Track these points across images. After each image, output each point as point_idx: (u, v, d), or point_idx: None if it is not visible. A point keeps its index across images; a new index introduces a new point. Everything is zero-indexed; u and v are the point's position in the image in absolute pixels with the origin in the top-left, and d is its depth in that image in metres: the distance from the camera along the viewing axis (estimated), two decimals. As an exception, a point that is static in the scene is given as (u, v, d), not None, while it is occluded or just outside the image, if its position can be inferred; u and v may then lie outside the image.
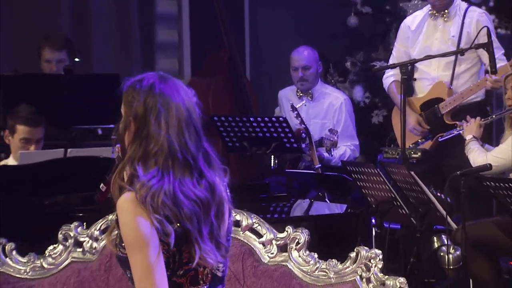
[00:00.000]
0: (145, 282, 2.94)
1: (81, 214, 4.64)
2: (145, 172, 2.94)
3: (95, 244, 4.39)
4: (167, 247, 2.97)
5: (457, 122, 6.03)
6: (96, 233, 4.41)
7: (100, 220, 4.42)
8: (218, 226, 3.09)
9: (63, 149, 5.62)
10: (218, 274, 3.17)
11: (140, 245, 2.93)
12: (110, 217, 4.41)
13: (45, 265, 4.28)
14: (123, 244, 3.00)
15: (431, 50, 6.20)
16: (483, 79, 6.09)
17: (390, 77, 6.51)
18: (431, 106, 6.21)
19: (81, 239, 4.39)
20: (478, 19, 6.24)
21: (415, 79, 6.35)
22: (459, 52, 5.98)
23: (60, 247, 4.40)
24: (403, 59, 6.27)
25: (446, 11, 6.31)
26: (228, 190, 3.19)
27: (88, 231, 4.41)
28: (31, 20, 7.25)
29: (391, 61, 6.50)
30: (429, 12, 6.39)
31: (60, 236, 4.35)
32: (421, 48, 6.33)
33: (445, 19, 6.32)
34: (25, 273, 4.40)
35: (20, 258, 4.44)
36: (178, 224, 2.96)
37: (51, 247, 4.39)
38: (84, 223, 4.43)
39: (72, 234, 4.39)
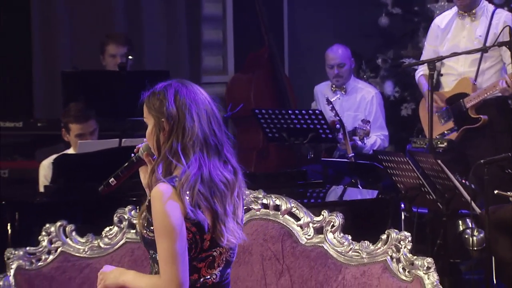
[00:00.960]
0: (170, 268, 3.04)
1: (134, 199, 4.66)
2: (187, 162, 3.07)
3: (147, 226, 4.43)
4: (191, 235, 3.08)
5: (481, 116, 6.02)
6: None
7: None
8: (239, 206, 3.27)
9: (118, 139, 5.66)
10: (230, 260, 3.26)
11: (170, 233, 3.04)
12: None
13: (102, 245, 4.32)
14: (151, 228, 3.10)
15: (459, 48, 6.17)
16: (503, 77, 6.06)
17: (420, 72, 6.49)
18: (457, 100, 6.19)
19: (134, 221, 4.42)
20: (505, 21, 6.18)
21: (441, 75, 6.33)
22: (482, 49, 5.96)
23: (116, 228, 4.44)
24: (431, 56, 6.22)
25: (473, 11, 6.27)
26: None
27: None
28: (89, 21, 7.29)
29: (422, 58, 6.46)
30: (458, 12, 6.35)
31: (115, 218, 4.39)
32: (450, 45, 6.30)
33: (472, 19, 6.29)
34: (83, 252, 4.43)
35: (79, 239, 4.48)
36: (208, 210, 3.08)
37: (107, 229, 4.42)
38: (137, 207, 4.45)
39: (126, 217, 4.42)
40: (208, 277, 3.19)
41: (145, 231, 3.17)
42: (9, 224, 4.95)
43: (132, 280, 3.21)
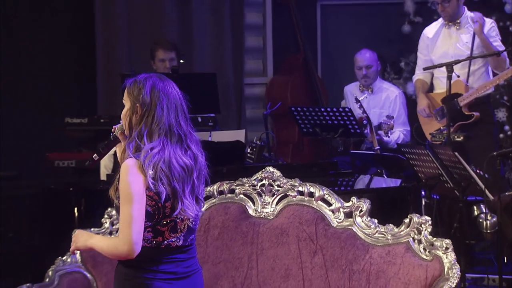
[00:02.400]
0: (126, 229, 3.17)
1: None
2: (155, 144, 3.21)
3: (196, 210, 4.43)
4: (154, 202, 3.21)
5: (473, 113, 6.09)
6: (197, 201, 4.45)
7: (217, 184, 4.44)
8: (199, 185, 3.33)
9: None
10: (192, 226, 3.33)
11: (130, 200, 3.17)
12: (208, 188, 4.44)
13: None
14: (117, 196, 3.24)
15: (448, 54, 6.30)
16: (495, 78, 6.19)
17: (416, 76, 6.64)
18: (451, 100, 6.21)
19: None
20: (490, 28, 6.27)
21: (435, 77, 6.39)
22: (488, 55, 6.11)
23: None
24: (426, 64, 6.40)
25: (457, 21, 6.35)
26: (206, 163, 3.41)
27: (191, 200, 4.44)
28: (145, 30, 7.32)
29: (417, 67, 6.63)
30: (444, 23, 6.43)
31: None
32: (440, 52, 6.40)
33: (457, 28, 6.38)
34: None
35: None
36: (168, 185, 3.20)
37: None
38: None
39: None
40: (172, 239, 3.29)
41: (116, 200, 3.29)
42: (76, 208, 4.98)
43: (97, 242, 3.33)
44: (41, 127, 6.92)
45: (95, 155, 3.46)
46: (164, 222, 3.25)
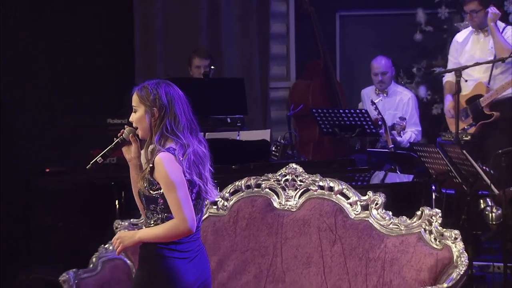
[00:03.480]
0: (180, 211, 3.26)
1: (215, 181, 4.67)
2: (178, 140, 3.30)
3: (226, 203, 4.44)
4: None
5: (493, 112, 6.07)
6: (227, 195, 4.46)
7: (229, 186, 4.47)
8: (210, 172, 3.44)
9: (203, 132, 5.67)
10: (202, 209, 3.45)
11: (175, 187, 3.25)
12: (237, 183, 4.46)
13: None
14: (151, 187, 3.30)
15: (474, 58, 6.27)
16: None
17: (445, 78, 6.60)
18: (474, 100, 6.20)
19: (216, 199, 4.45)
20: (509, 35, 6.27)
21: (466, 80, 6.32)
22: (503, 59, 6.01)
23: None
24: (453, 66, 6.33)
25: (485, 28, 6.34)
26: None
27: (221, 193, 4.46)
28: (179, 38, 7.34)
29: (448, 68, 6.58)
30: (473, 30, 6.44)
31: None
32: (468, 56, 6.39)
33: (485, 35, 6.36)
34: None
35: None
36: (196, 173, 3.31)
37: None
38: (218, 188, 4.48)
39: (209, 196, 4.45)
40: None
41: (146, 190, 3.34)
42: (116, 200, 5.01)
43: (148, 232, 3.36)
44: (85, 126, 6.95)
45: (99, 158, 3.48)
46: (193, 204, 3.35)
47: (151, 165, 3.31)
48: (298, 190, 4.35)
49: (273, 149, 6.15)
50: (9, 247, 6.81)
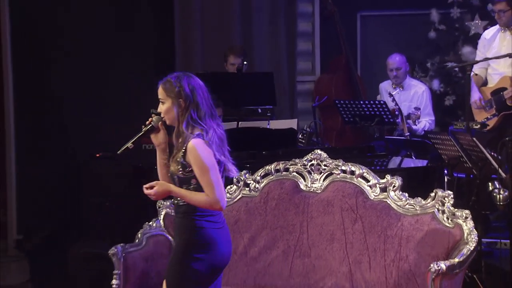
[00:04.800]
0: (213, 191, 3.27)
1: (248, 165, 4.69)
2: (203, 127, 3.31)
3: (257, 185, 4.45)
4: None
5: None
6: (258, 178, 4.46)
7: (260, 170, 4.47)
8: (228, 151, 3.43)
9: (236, 122, 5.69)
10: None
11: (206, 169, 3.27)
12: (267, 167, 4.46)
13: (225, 199, 4.37)
14: (185, 169, 3.31)
15: (500, 54, 6.11)
16: None
17: (472, 72, 6.33)
18: (498, 93, 6.11)
19: (248, 182, 4.46)
20: None
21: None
22: (503, 57, 5.97)
23: (234, 187, 4.48)
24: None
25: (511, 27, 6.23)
26: None
27: (253, 176, 4.47)
28: (214, 36, 7.34)
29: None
30: (501, 28, 6.32)
31: (234, 180, 4.43)
32: (495, 52, 6.25)
33: (511, 33, 6.24)
34: (212, 204, 4.45)
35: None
36: (221, 154, 3.34)
37: (228, 187, 4.47)
38: (250, 171, 4.49)
39: (242, 178, 4.46)
40: None
41: (180, 172, 3.34)
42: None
43: (181, 190, 3.35)
44: (131, 116, 6.99)
45: (130, 144, 3.48)
46: None
47: (183, 149, 3.32)
48: (322, 173, 4.35)
49: (300, 136, 6.14)
50: (63, 225, 6.88)
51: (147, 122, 3.46)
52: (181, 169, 3.34)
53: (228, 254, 3.39)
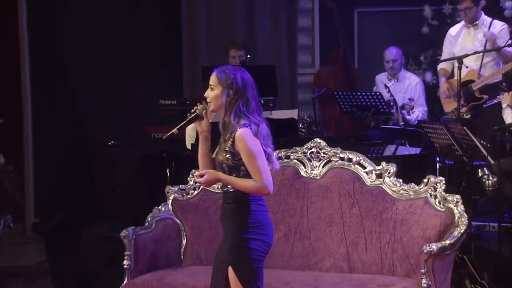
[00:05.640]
0: (261, 177, 3.26)
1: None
2: (250, 119, 3.30)
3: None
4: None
5: (483, 96, 6.01)
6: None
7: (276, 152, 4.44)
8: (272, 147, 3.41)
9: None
10: None
11: (254, 157, 3.26)
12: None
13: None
14: (234, 158, 3.29)
15: (466, 49, 6.18)
16: (501, 68, 6.07)
17: (439, 66, 6.54)
18: (466, 85, 6.13)
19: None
20: (500, 29, 6.19)
21: (460, 67, 6.27)
22: (496, 49, 6.02)
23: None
24: (448, 56, 6.28)
25: (475, 23, 6.28)
26: None
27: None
28: (220, 31, 7.32)
29: (441, 58, 6.52)
30: (465, 24, 6.37)
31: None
32: (460, 47, 6.30)
33: (475, 28, 6.29)
34: (217, 189, 4.44)
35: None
36: (266, 145, 3.31)
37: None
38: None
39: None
40: None
41: (229, 161, 3.31)
42: (167, 169, 5.03)
43: (230, 177, 3.33)
44: (141, 107, 6.99)
45: (175, 130, 3.47)
46: None
47: (231, 139, 3.31)
48: (321, 161, 4.34)
49: (300, 126, 6.13)
50: (77, 209, 6.89)
51: (192, 110, 3.44)
52: (230, 157, 3.32)
53: (273, 234, 3.43)
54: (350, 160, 4.29)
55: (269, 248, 3.37)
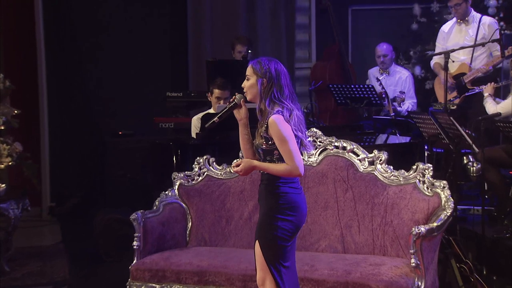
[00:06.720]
0: (292, 160, 3.26)
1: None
2: (284, 105, 3.30)
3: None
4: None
5: (475, 87, 5.99)
6: (261, 152, 4.44)
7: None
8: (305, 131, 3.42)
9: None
10: None
11: (287, 141, 3.26)
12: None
13: (232, 171, 4.37)
14: (268, 142, 3.30)
15: (459, 44, 6.15)
16: (490, 61, 6.06)
17: (433, 61, 6.48)
18: (459, 77, 6.12)
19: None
20: (489, 24, 6.17)
21: (453, 61, 6.24)
22: (483, 44, 6.00)
23: (240, 161, 4.45)
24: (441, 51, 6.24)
25: (466, 19, 6.25)
26: None
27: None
28: (223, 27, 7.31)
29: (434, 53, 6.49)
30: (456, 21, 6.35)
31: (240, 154, 4.41)
32: (453, 43, 6.27)
33: (466, 24, 6.27)
34: (220, 175, 4.48)
35: (217, 167, 4.53)
36: (298, 130, 3.31)
37: (235, 161, 4.44)
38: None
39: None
40: None
41: (264, 146, 3.32)
42: (174, 157, 5.02)
43: (263, 164, 3.35)
44: (149, 98, 6.99)
45: (216, 119, 3.45)
46: None
47: (265, 125, 3.32)
48: (318, 149, 4.33)
49: (298, 116, 6.09)
50: (90, 193, 6.90)
51: (231, 100, 3.44)
52: (264, 142, 3.34)
53: (305, 215, 3.41)
54: (344, 148, 4.28)
55: (297, 229, 3.35)
